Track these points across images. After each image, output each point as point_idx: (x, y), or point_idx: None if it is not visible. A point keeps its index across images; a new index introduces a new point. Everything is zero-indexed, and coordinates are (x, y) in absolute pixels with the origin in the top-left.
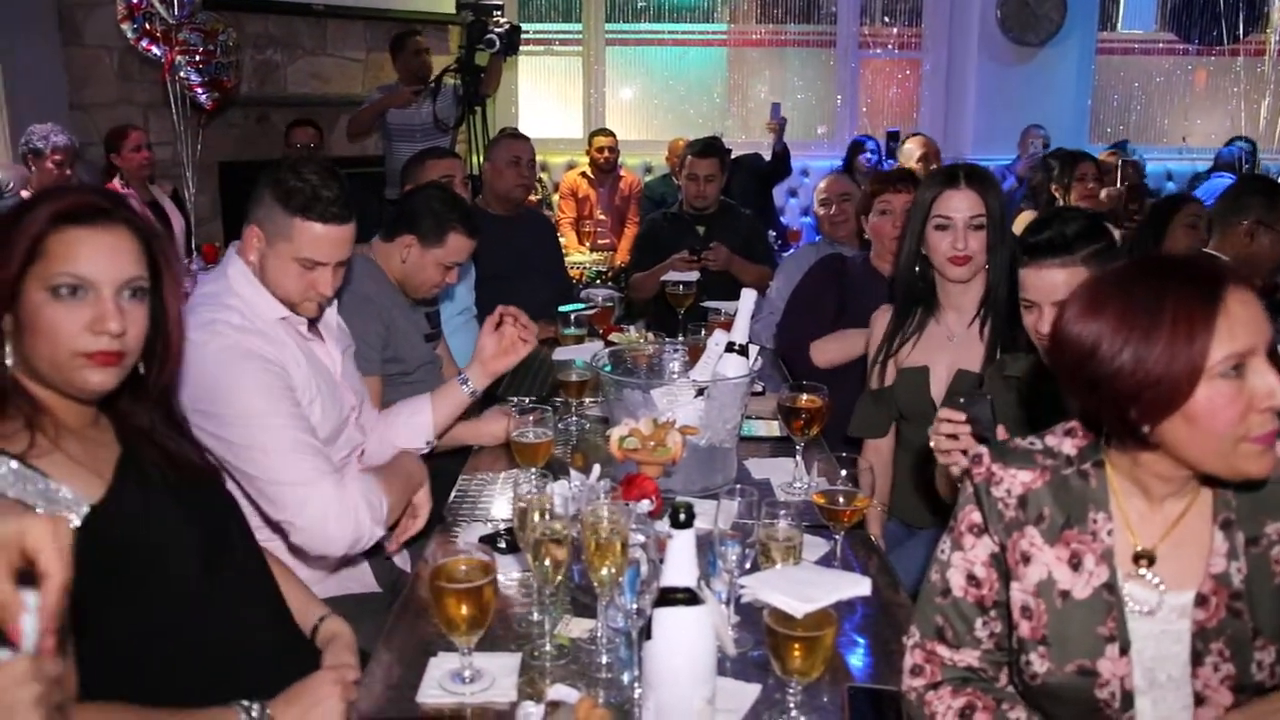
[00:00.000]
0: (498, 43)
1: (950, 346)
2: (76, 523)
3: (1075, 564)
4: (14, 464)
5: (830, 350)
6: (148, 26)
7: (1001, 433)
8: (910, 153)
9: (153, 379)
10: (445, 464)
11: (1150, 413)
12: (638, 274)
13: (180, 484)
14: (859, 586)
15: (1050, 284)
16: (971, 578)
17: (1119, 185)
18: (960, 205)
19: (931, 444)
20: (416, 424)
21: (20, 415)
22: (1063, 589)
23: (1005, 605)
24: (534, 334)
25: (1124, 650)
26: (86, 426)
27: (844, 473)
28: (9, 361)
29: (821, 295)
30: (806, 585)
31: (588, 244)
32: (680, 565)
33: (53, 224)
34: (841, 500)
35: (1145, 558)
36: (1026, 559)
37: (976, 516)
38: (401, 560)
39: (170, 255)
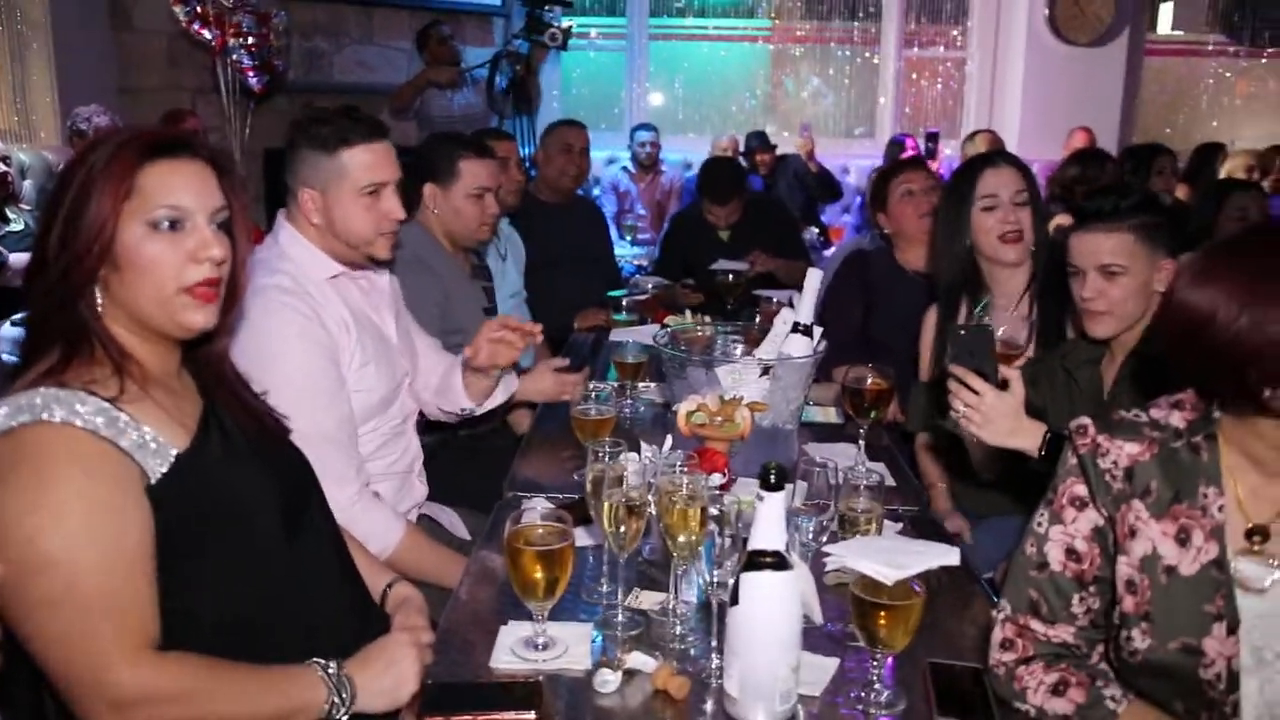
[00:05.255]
0: (560, 38)
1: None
2: (164, 470)
3: (1183, 539)
4: (106, 406)
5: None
6: (200, 9)
7: (1004, 371)
8: (978, 149)
9: (224, 316)
10: (499, 442)
11: (1271, 375)
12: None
13: (259, 439)
14: (948, 556)
15: (1094, 249)
16: (1071, 552)
17: None
18: (1005, 182)
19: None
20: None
21: (109, 362)
22: (1168, 564)
23: (1107, 581)
24: (523, 338)
25: (1232, 629)
26: (171, 378)
27: None
28: (100, 307)
29: (848, 298)
30: (895, 553)
31: (629, 238)
32: (769, 528)
33: (141, 160)
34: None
35: (1258, 534)
36: (1133, 533)
37: (1081, 489)
38: (461, 531)
39: (239, 189)
